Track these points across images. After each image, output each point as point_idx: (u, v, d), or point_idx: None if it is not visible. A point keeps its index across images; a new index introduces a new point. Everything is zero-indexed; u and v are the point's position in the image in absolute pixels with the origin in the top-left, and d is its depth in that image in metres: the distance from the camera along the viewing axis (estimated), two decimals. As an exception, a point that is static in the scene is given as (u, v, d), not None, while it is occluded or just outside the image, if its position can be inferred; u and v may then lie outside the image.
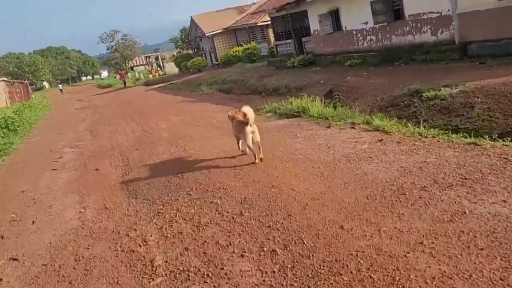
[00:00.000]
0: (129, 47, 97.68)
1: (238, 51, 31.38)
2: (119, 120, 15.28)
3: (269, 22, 29.65)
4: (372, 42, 17.07)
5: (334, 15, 19.09)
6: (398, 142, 6.22)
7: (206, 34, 35.51)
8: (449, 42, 13.41)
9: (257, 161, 6.37)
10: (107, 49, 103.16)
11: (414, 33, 14.81)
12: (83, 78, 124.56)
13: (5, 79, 46.64)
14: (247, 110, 6.39)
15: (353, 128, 7.51)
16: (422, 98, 9.86)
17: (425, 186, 4.48)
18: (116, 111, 19.16)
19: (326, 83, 15.64)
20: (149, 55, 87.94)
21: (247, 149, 6.75)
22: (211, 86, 24.17)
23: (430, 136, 6.28)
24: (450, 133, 6.36)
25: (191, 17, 38.54)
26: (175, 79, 33.44)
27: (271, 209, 4.62)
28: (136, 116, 15.33)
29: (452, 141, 5.87)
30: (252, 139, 6.32)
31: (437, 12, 13.61)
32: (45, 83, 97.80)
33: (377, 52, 16.68)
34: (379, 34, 16.54)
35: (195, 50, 48.93)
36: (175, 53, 60.43)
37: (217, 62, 35.62)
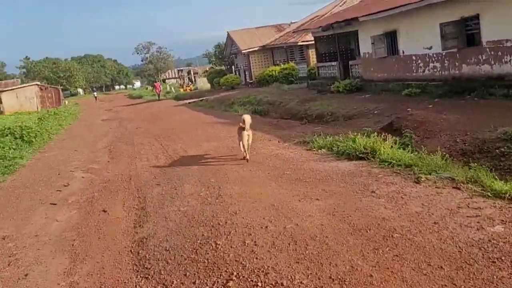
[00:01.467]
0: (163, 60, 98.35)
1: (275, 71, 29.64)
2: (143, 139, 13.54)
3: (310, 42, 27.91)
4: (435, 70, 14.86)
5: (390, 38, 17.03)
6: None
7: (242, 51, 34.04)
8: (540, 76, 11.11)
9: (247, 157, 8.23)
10: (142, 60, 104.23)
11: (493, 62, 12.55)
12: (116, 87, 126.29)
13: (38, 83, 46.44)
14: (246, 117, 8.28)
15: (457, 188, 5.35)
16: (529, 146, 7.63)
17: None
18: (142, 126, 17.52)
19: (381, 113, 13.50)
20: (181, 68, 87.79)
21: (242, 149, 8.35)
22: (245, 106, 22.37)
23: None
24: None
25: (227, 32, 37.25)
26: (207, 95, 31.93)
27: None
28: (162, 136, 13.55)
29: None
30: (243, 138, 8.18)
31: (526, 40, 11.36)
32: (80, 90, 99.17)
33: (441, 82, 14.45)
34: (446, 61, 14.34)
35: (228, 66, 47.71)
36: (207, 68, 59.58)
37: (251, 81, 33.99)
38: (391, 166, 6.68)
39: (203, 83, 46.63)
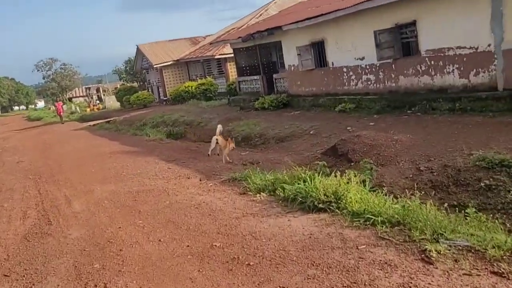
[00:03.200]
0: (68, 77, 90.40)
1: (191, 87, 27.10)
2: (17, 181, 10.19)
3: (229, 55, 25.94)
4: (369, 82, 13.48)
5: (318, 48, 15.49)
6: None
7: (154, 66, 31.03)
8: (488, 88, 10.00)
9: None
10: (43, 78, 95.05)
11: (433, 73, 11.35)
12: (16, 108, 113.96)
13: None
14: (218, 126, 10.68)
15: (498, 274, 3.31)
16: (519, 176, 6.02)
17: None
18: (25, 159, 13.89)
19: (318, 134, 11.66)
20: (89, 86, 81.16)
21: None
22: (159, 128, 19.55)
23: None
24: None
25: (137, 46, 33.96)
26: (115, 116, 28.37)
27: None
28: (45, 175, 10.33)
29: None
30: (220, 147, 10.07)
31: (471, 47, 10.24)
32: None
33: (376, 96, 13.08)
34: (381, 73, 13.00)
35: (141, 83, 44.12)
36: (119, 86, 55.10)
37: (165, 98, 31.07)
38: (370, 224, 4.55)
39: (112, 102, 42.46)
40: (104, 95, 56.81)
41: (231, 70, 27.12)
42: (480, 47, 10.02)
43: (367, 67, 13.42)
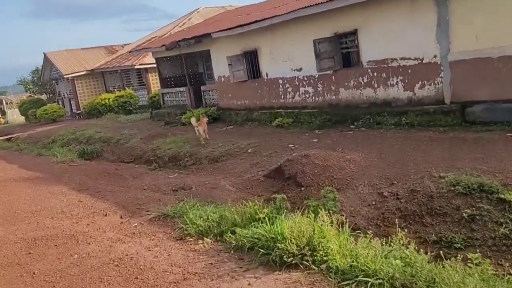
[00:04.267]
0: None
1: (108, 99, 24.62)
2: None
3: (150, 65, 24.03)
4: (308, 95, 12.60)
5: (250, 58, 14.37)
6: None
7: (65, 76, 27.92)
8: (434, 101, 9.51)
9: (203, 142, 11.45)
10: None
11: (376, 86, 10.72)
12: None
13: None
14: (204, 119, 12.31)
15: None
16: (503, 203, 5.24)
17: None
18: None
19: (257, 152, 10.42)
20: (-10, 98, 72.75)
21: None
22: (70, 146, 17.06)
23: None
24: None
25: (44, 53, 30.42)
26: (18, 132, 24.88)
27: None
28: None
29: None
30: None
31: (416, 59, 9.72)
32: None
33: (316, 110, 12.22)
34: (320, 85, 12.18)
35: (50, 95, 39.99)
36: (25, 98, 49.74)
37: (78, 112, 28.08)
38: (362, 286, 3.31)
39: (16, 116, 37.87)
40: (8, 108, 50.98)
41: (153, 82, 25.19)
42: (425, 58, 9.52)
43: (305, 78, 12.54)
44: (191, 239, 4.82)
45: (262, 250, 4.03)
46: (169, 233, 5.22)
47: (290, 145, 10.19)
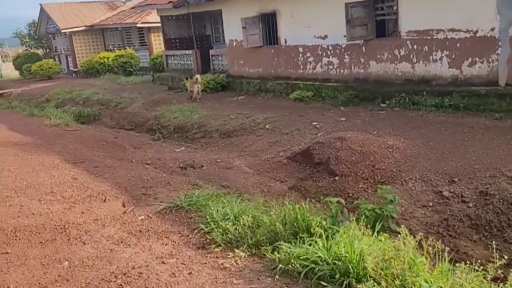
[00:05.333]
0: (-43, 38, 77.71)
1: (107, 58, 23.06)
2: None
3: (154, 24, 22.36)
4: (331, 67, 11.29)
5: (267, 21, 12.92)
6: None
7: (62, 31, 26.19)
8: (486, 82, 8.27)
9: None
10: None
11: (415, 60, 9.43)
12: None
13: None
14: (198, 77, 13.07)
15: None
16: None
17: None
18: None
19: (276, 129, 9.24)
20: (-16, 50, 70.16)
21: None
22: (65, 107, 15.79)
23: None
24: None
25: (40, 5, 28.51)
26: (12, 87, 23.44)
27: None
28: None
29: None
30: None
31: (468, 31, 8.40)
32: None
33: (340, 84, 10.96)
34: (347, 56, 10.85)
35: (47, 50, 38.11)
36: (21, 51, 47.68)
37: (75, 69, 26.52)
38: None
39: (10, 70, 36.17)
40: (3, 61, 48.98)
41: (156, 42, 23.58)
42: (480, 31, 8.21)
43: (330, 47, 11.19)
44: (217, 249, 3.70)
45: (325, 285, 2.90)
46: (186, 235, 4.10)
47: (314, 123, 9.00)
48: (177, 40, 18.52)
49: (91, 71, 23.52)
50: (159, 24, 22.51)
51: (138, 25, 22.98)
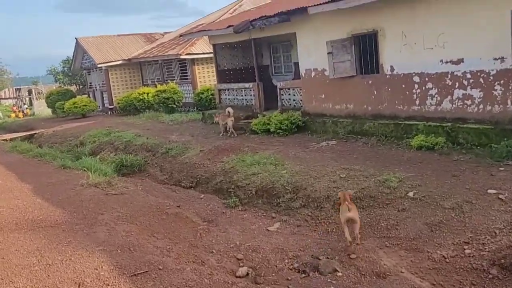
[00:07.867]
0: (-6, 76, 78.96)
1: (147, 94, 20.65)
2: None
3: (199, 55, 20.02)
4: (469, 102, 8.13)
5: (361, 44, 9.99)
6: None
7: (98, 65, 24.19)
8: None
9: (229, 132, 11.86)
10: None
11: None
12: None
13: None
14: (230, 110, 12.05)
15: None
16: None
17: None
18: None
19: (428, 199, 6.02)
20: (19, 87, 70.38)
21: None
22: (103, 153, 13.10)
23: None
24: None
25: (76, 39, 26.82)
26: (43, 126, 21.29)
27: None
28: None
29: None
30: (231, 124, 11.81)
31: None
32: None
33: (488, 125, 7.75)
34: (497, 86, 7.69)
35: (80, 86, 36.60)
36: (54, 88, 46.74)
37: (111, 107, 24.34)
38: None
39: (43, 108, 34.60)
40: (37, 98, 48.11)
41: (200, 75, 21.13)
42: None
43: (467, 75, 8.07)
44: None
45: None
46: None
47: (491, 191, 5.77)
48: (231, 72, 15.89)
49: (129, 108, 21.14)
50: (204, 55, 20.25)
51: (182, 56, 20.59)
